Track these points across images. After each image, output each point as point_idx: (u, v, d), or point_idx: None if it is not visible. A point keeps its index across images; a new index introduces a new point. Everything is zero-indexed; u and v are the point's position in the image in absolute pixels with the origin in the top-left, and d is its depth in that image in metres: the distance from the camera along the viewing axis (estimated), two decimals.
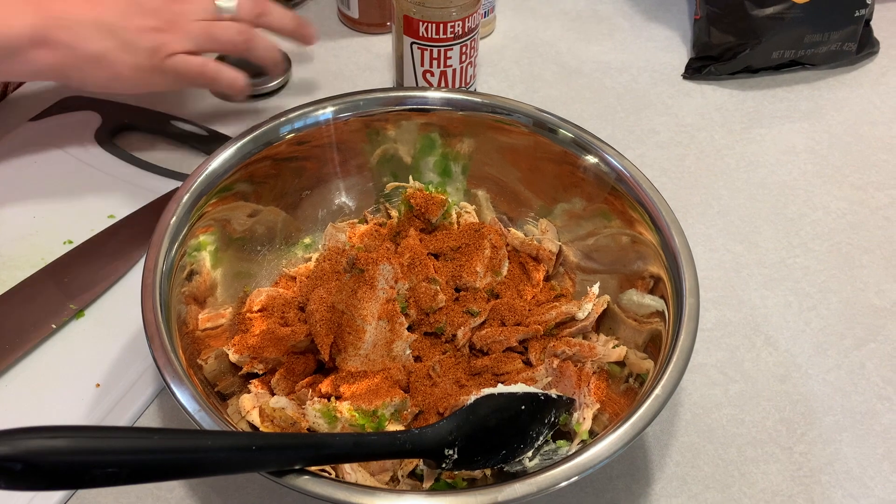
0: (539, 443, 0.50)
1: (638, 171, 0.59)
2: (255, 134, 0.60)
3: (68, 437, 0.35)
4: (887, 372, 0.63)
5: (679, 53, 0.90)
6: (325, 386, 0.53)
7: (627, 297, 0.59)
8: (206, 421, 0.44)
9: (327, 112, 0.62)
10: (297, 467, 0.42)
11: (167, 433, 0.38)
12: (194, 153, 0.76)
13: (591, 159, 0.61)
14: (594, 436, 0.50)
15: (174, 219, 0.54)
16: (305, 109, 0.62)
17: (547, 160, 0.63)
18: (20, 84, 0.83)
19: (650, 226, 0.56)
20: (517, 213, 0.66)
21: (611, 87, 0.86)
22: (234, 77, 0.70)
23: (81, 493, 0.54)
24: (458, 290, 0.61)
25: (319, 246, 0.65)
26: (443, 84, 0.76)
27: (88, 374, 0.59)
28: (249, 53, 0.70)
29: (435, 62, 0.75)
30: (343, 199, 0.66)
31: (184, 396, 0.45)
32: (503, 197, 0.66)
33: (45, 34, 0.62)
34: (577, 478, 0.44)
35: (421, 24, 0.72)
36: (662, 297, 0.55)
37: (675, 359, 0.49)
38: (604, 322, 0.60)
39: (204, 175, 0.57)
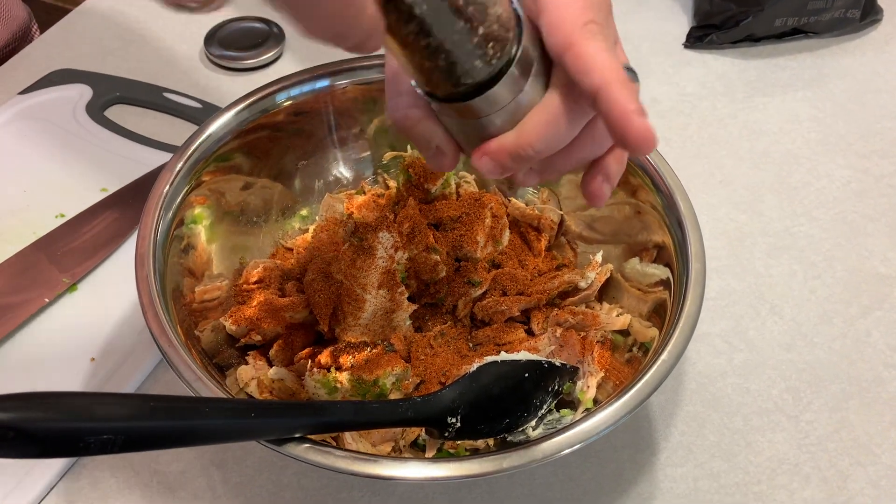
0: (543, 411, 0.49)
1: None
2: (250, 101, 0.58)
3: (62, 404, 0.34)
4: (893, 339, 0.62)
5: (680, 22, 0.89)
6: (324, 357, 0.52)
7: (631, 266, 0.58)
8: (203, 390, 0.43)
9: (324, 80, 0.61)
10: (296, 436, 0.41)
11: (163, 399, 0.37)
12: (187, 125, 0.75)
13: None
14: (598, 404, 0.49)
15: (168, 187, 0.53)
16: (302, 77, 0.60)
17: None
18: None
19: (654, 191, 0.55)
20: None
21: None
22: None
23: (78, 466, 0.53)
24: (458, 260, 0.60)
25: (316, 217, 0.63)
26: None
27: (83, 348, 0.58)
28: None
29: None
30: (340, 169, 0.65)
31: (180, 365, 0.44)
32: None
33: None
34: (581, 445, 0.43)
35: None
36: (667, 264, 0.54)
37: (681, 324, 0.48)
38: (607, 291, 0.59)
39: (199, 143, 0.56)
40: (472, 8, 0.35)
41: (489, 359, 0.48)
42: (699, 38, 0.86)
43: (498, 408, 0.47)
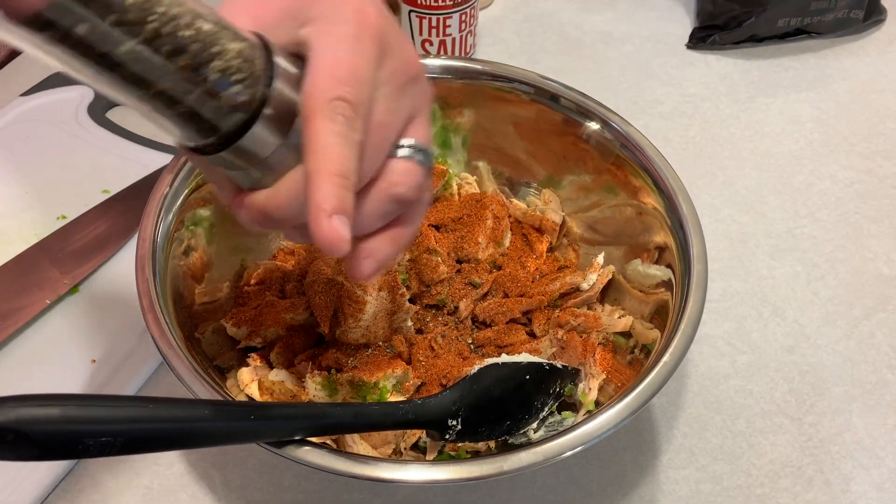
0: (544, 413, 0.49)
1: (642, 136, 0.57)
2: None
3: (60, 406, 0.33)
4: None
5: (682, 23, 0.88)
6: (324, 359, 0.52)
7: (633, 268, 0.58)
8: (203, 392, 0.43)
9: None
10: (297, 438, 0.41)
11: (163, 402, 0.36)
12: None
13: (594, 126, 0.59)
14: (600, 407, 0.49)
15: (169, 189, 0.53)
16: None
17: (549, 129, 0.62)
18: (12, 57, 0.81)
19: (656, 192, 0.55)
20: (520, 185, 0.65)
21: (613, 57, 0.85)
22: None
23: (79, 469, 0.53)
24: (459, 261, 0.60)
25: None
26: (442, 53, 0.75)
27: (84, 349, 0.58)
28: None
29: (434, 31, 0.73)
30: None
31: (180, 367, 0.44)
32: (505, 167, 0.65)
33: None
34: (583, 447, 0.43)
35: None
36: (669, 266, 0.54)
37: (683, 326, 0.48)
38: (609, 293, 0.59)
39: None
40: (172, 59, 0.31)
41: (490, 361, 0.48)
42: (702, 38, 0.85)
43: (499, 410, 0.47)
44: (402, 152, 0.37)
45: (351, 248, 0.35)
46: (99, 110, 0.75)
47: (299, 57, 0.36)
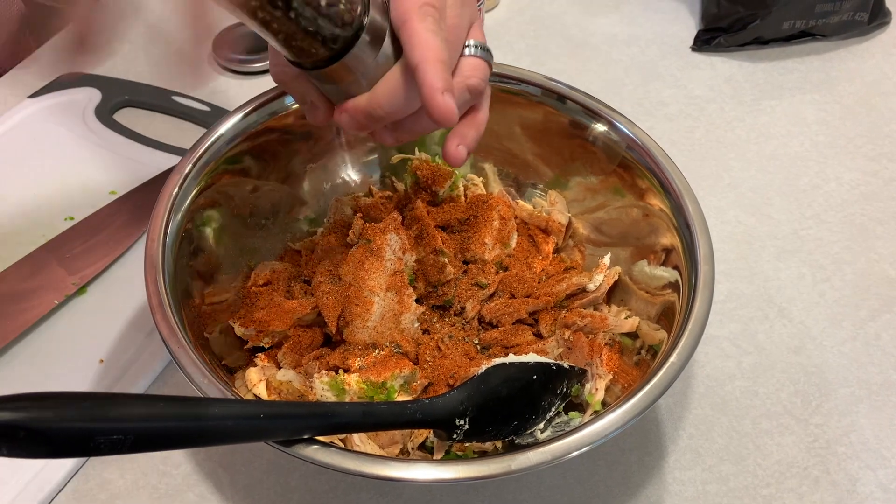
0: (551, 414, 0.49)
1: (649, 137, 0.58)
2: (259, 104, 0.58)
3: (72, 404, 0.34)
4: None
5: (687, 25, 0.89)
6: (332, 359, 0.52)
7: (639, 269, 0.58)
8: (212, 391, 0.43)
9: None
10: (304, 437, 0.41)
11: (173, 400, 0.37)
12: (196, 129, 0.75)
13: (601, 128, 0.59)
14: (607, 407, 0.49)
15: (177, 190, 0.53)
16: None
17: (556, 130, 0.62)
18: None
19: (662, 193, 0.55)
20: (526, 186, 0.65)
21: (618, 59, 0.85)
22: None
23: (87, 468, 0.54)
24: (466, 262, 0.60)
25: (325, 219, 0.63)
26: None
27: (92, 350, 0.58)
28: None
29: None
30: (348, 171, 0.65)
31: (189, 366, 0.44)
32: (511, 169, 0.65)
33: None
34: (589, 447, 0.43)
35: None
36: (675, 267, 0.54)
37: (689, 327, 0.48)
38: (615, 294, 0.59)
39: (207, 145, 0.56)
40: None
41: (497, 361, 0.48)
42: (707, 40, 0.86)
43: (506, 410, 0.47)
44: (469, 51, 0.45)
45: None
46: (106, 112, 0.75)
47: None
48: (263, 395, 0.50)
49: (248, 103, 0.58)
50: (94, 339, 0.59)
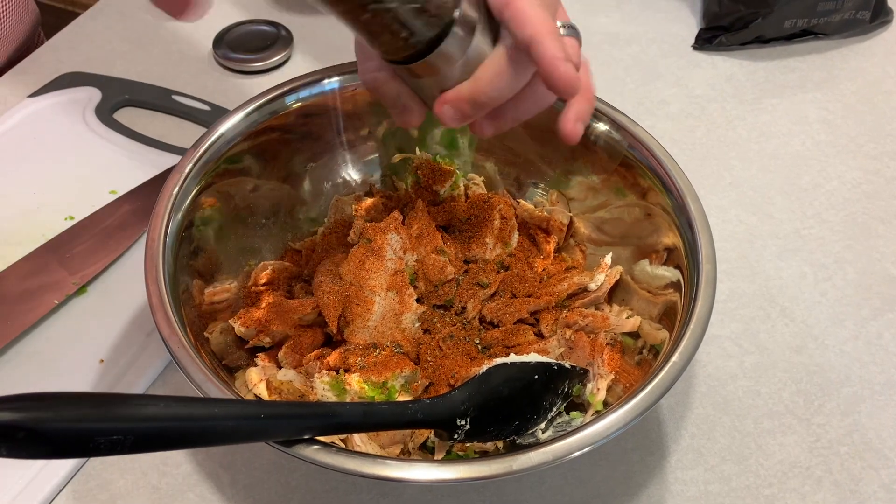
0: (552, 414, 0.49)
1: (650, 137, 0.57)
2: (259, 103, 0.58)
3: (72, 404, 0.34)
4: None
5: (688, 24, 0.88)
6: (333, 358, 0.52)
7: (640, 268, 0.58)
8: (213, 391, 0.43)
9: (333, 81, 0.61)
10: (305, 437, 0.41)
11: (173, 400, 0.37)
12: (196, 128, 0.75)
13: (602, 127, 0.59)
14: (608, 407, 0.49)
15: (177, 189, 0.53)
16: (311, 79, 0.60)
17: (557, 129, 0.62)
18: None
19: (664, 193, 0.55)
20: (527, 185, 0.65)
21: (619, 58, 0.85)
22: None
23: (87, 468, 0.53)
24: (467, 262, 0.60)
25: (325, 219, 0.63)
26: None
27: (92, 350, 0.58)
28: None
29: None
30: (349, 171, 0.65)
31: (190, 366, 0.44)
32: (513, 168, 0.65)
33: None
34: (591, 447, 0.43)
35: None
36: (677, 266, 0.54)
37: (691, 327, 0.47)
38: (616, 294, 0.59)
39: (208, 145, 0.55)
40: None
41: (498, 361, 0.48)
42: (708, 39, 0.85)
43: (507, 410, 0.47)
44: (561, 31, 0.45)
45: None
46: (106, 111, 0.75)
47: None
48: (264, 395, 0.50)
49: (248, 102, 0.58)
50: (94, 338, 0.59)
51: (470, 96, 0.44)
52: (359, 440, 0.48)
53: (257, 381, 0.51)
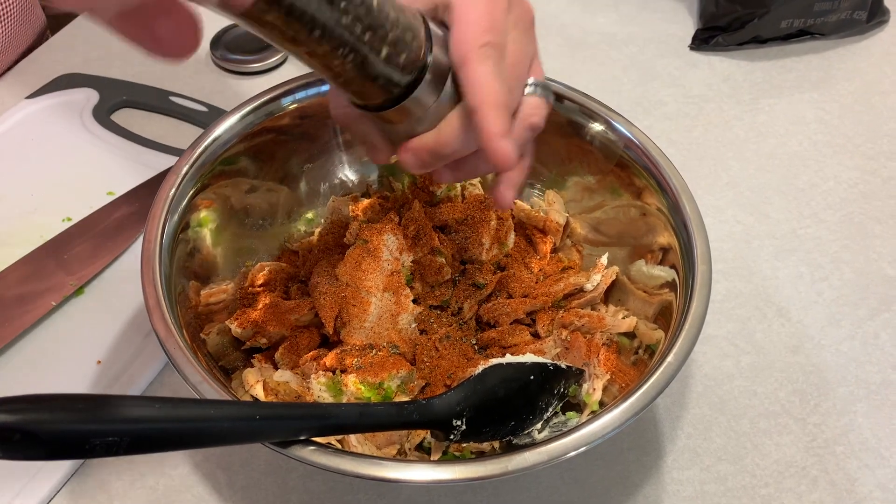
0: (548, 414, 0.49)
1: (647, 137, 0.57)
2: (256, 105, 0.58)
3: (67, 406, 0.34)
4: None
5: (685, 24, 0.89)
6: (329, 359, 0.52)
7: (637, 269, 0.58)
8: (209, 392, 0.43)
9: None
10: (302, 438, 0.41)
11: (169, 402, 0.37)
12: (193, 129, 0.75)
13: (599, 127, 0.59)
14: (604, 407, 0.49)
15: (174, 190, 0.53)
16: (307, 80, 0.60)
17: (553, 130, 0.61)
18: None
19: (660, 193, 0.55)
20: (524, 186, 0.65)
21: (616, 58, 0.85)
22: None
23: (85, 469, 0.53)
24: (463, 262, 0.60)
25: (322, 220, 0.63)
26: None
27: (89, 351, 0.58)
28: None
29: None
30: (345, 172, 0.65)
31: (186, 367, 0.44)
32: None
33: None
34: (587, 447, 0.43)
35: None
36: (673, 266, 0.54)
37: (687, 326, 0.48)
38: (613, 294, 0.59)
39: (204, 146, 0.56)
40: (370, 33, 0.38)
41: (494, 361, 0.48)
42: (705, 39, 0.86)
43: (503, 410, 0.47)
44: (529, 90, 0.44)
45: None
46: (104, 112, 0.75)
47: (434, 19, 0.43)
48: (260, 395, 0.50)
49: (245, 104, 0.58)
50: (91, 340, 0.59)
51: (432, 148, 0.43)
52: (355, 441, 0.48)
53: (254, 382, 0.51)
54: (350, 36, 0.38)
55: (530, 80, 0.44)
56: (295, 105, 0.60)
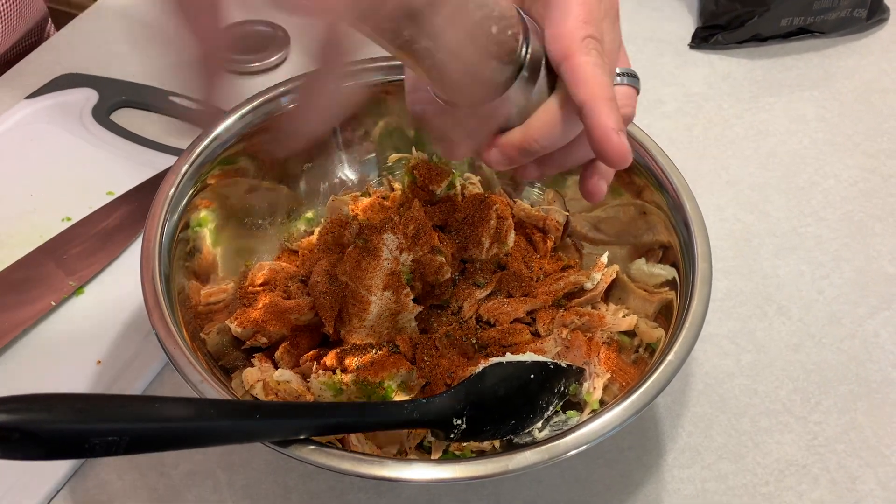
0: (549, 413, 0.49)
1: (647, 136, 0.57)
2: (255, 104, 0.58)
3: (66, 405, 0.34)
4: None
5: (685, 22, 0.88)
6: (329, 359, 0.52)
7: (637, 267, 0.58)
8: (209, 392, 0.43)
9: None
10: (302, 437, 0.41)
11: (169, 401, 0.37)
12: (193, 129, 0.75)
13: None
14: (605, 406, 0.49)
15: (174, 190, 0.53)
16: None
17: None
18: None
19: (660, 191, 0.55)
20: (524, 184, 0.65)
21: None
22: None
23: (85, 469, 0.53)
24: (463, 261, 0.60)
25: (322, 219, 0.63)
26: None
27: (89, 351, 0.58)
28: None
29: None
30: (345, 171, 0.65)
31: (186, 367, 0.44)
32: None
33: None
34: (587, 446, 0.43)
35: None
36: (673, 265, 0.54)
37: (687, 325, 0.48)
38: (613, 292, 0.59)
39: (204, 145, 0.56)
40: (480, 29, 0.37)
41: (495, 360, 0.48)
42: (705, 38, 0.85)
43: (504, 409, 0.47)
44: (619, 80, 0.43)
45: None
46: (103, 112, 0.75)
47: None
48: (260, 395, 0.50)
49: (244, 103, 0.58)
50: (91, 339, 0.59)
51: (520, 144, 0.42)
52: (355, 440, 0.48)
53: (254, 381, 0.51)
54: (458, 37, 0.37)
55: (620, 70, 0.44)
56: (294, 105, 0.60)
